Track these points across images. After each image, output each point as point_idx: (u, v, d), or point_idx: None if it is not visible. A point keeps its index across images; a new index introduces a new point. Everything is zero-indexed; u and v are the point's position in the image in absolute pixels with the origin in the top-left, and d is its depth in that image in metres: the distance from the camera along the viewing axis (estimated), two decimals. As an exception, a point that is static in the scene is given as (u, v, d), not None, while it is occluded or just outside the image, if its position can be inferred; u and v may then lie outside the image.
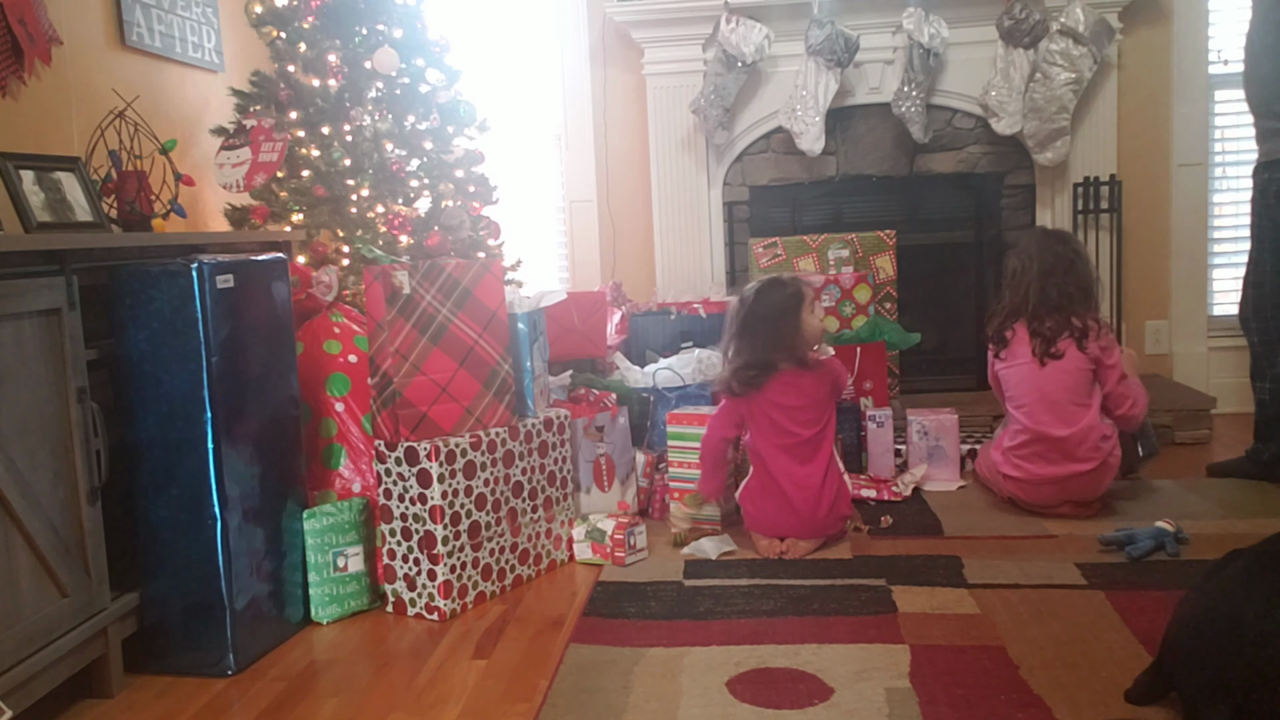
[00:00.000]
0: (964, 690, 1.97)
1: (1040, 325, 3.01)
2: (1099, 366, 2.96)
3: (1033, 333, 3.01)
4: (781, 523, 2.81)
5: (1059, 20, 3.95)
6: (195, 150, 3.37)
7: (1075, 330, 2.97)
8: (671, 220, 4.34)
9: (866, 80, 4.21)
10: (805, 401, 2.82)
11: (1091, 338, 2.96)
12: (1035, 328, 3.01)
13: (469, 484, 2.56)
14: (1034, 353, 3.00)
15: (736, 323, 2.88)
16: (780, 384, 2.82)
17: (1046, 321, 3.00)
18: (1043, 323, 3.00)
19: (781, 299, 2.85)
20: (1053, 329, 2.99)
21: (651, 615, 2.44)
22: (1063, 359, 2.97)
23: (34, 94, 2.66)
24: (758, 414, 2.84)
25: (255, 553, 2.36)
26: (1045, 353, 2.99)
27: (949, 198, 4.37)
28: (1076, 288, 3.01)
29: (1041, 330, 3.00)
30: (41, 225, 2.40)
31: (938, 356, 4.40)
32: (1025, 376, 3.03)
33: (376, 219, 3.27)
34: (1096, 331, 2.97)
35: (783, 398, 2.81)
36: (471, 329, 2.65)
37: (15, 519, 1.93)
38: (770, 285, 2.89)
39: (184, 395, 2.23)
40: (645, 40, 4.24)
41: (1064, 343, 2.98)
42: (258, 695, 2.17)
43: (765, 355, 2.82)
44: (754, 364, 2.82)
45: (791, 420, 2.81)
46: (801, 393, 2.82)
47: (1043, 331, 3.00)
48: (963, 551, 2.75)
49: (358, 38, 3.32)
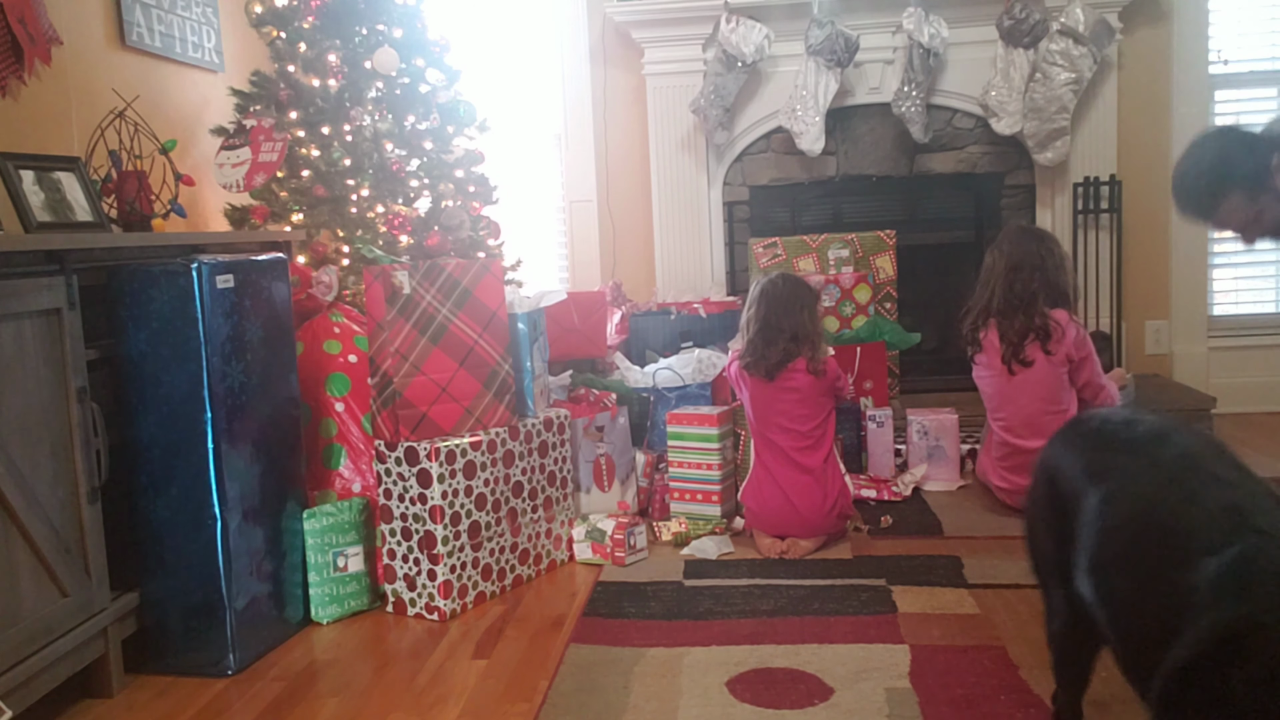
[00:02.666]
0: (964, 690, 1.98)
1: (1008, 327, 2.98)
2: (1072, 364, 2.94)
3: (1001, 336, 3.00)
4: (783, 520, 2.81)
5: (1059, 20, 3.95)
6: (195, 150, 3.36)
7: (1039, 331, 2.94)
8: (671, 220, 4.34)
9: (866, 80, 4.21)
10: (806, 395, 2.84)
11: (1055, 338, 2.93)
12: (1003, 330, 2.99)
13: (469, 484, 2.56)
14: (1003, 359, 2.99)
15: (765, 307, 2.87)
16: (789, 373, 2.84)
17: (1014, 321, 2.97)
18: (1011, 323, 2.98)
19: (807, 293, 2.89)
20: (1019, 331, 2.96)
21: (651, 615, 2.44)
22: (1032, 367, 2.95)
23: (34, 94, 2.65)
24: (760, 399, 2.85)
25: (255, 553, 2.36)
26: (1014, 358, 2.97)
27: (949, 198, 4.37)
28: (1043, 285, 2.97)
29: (1009, 334, 2.98)
30: (41, 225, 2.40)
31: (938, 356, 4.39)
32: (999, 387, 3.03)
33: (376, 219, 3.27)
34: (1060, 331, 2.93)
35: (788, 387, 2.83)
36: (471, 329, 2.65)
37: (15, 519, 1.93)
38: (795, 278, 2.93)
39: (184, 395, 2.23)
40: (645, 40, 4.24)
41: (1031, 348, 2.95)
42: (258, 695, 2.17)
43: (787, 344, 2.83)
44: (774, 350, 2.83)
45: (791, 415, 2.83)
46: (806, 386, 2.84)
47: (1010, 336, 2.97)
48: (963, 551, 2.75)
49: (358, 38, 3.32)
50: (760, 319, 2.86)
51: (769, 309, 2.86)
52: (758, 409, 2.89)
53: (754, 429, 2.91)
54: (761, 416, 2.88)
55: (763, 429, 2.87)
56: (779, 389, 2.84)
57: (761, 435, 2.88)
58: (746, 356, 2.87)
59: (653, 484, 3.22)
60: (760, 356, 2.84)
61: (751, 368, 2.86)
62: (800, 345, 2.83)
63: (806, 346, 2.83)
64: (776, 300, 2.86)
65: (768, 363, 2.83)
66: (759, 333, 2.85)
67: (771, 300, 2.87)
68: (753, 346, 2.86)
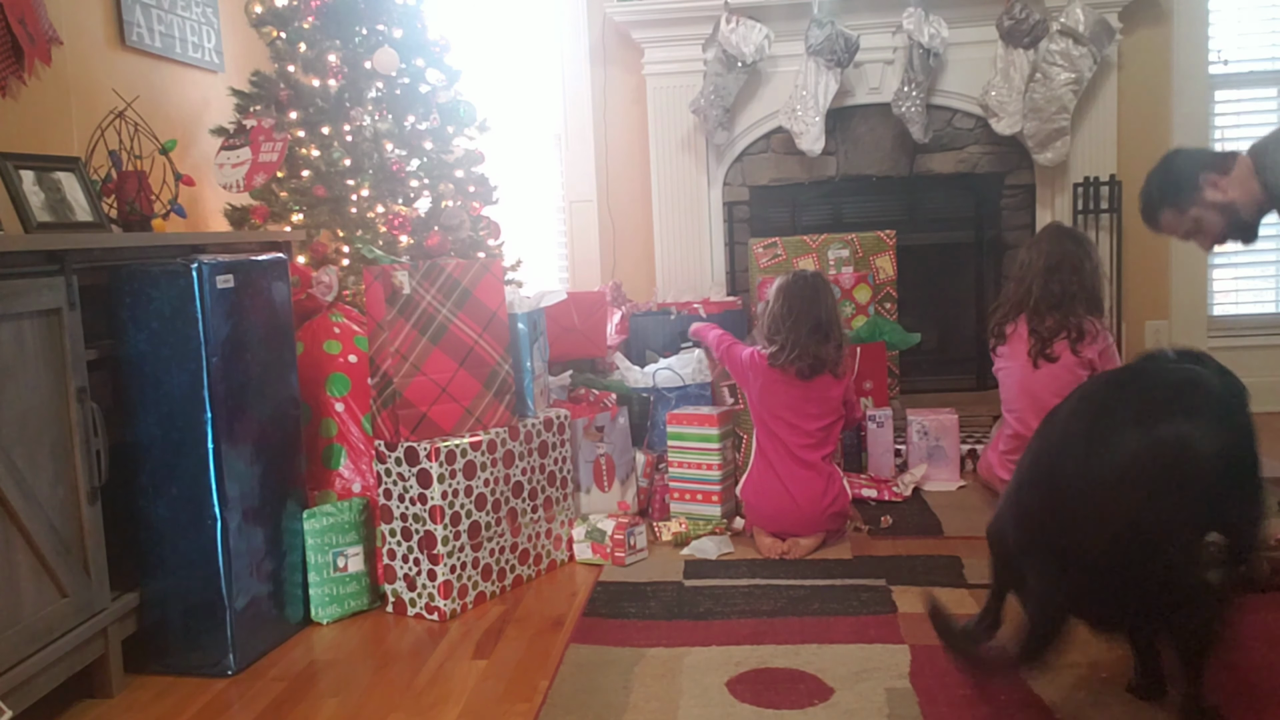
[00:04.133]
0: (964, 690, 1.97)
1: (1040, 323, 3.00)
2: (1092, 370, 2.95)
3: (1031, 330, 3.01)
4: (781, 515, 2.81)
5: (1059, 20, 3.95)
6: (195, 150, 3.37)
7: (1072, 331, 2.96)
8: (671, 220, 4.34)
9: (866, 80, 4.21)
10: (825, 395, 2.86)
11: (1088, 340, 2.95)
12: (1035, 325, 3.01)
13: (469, 484, 2.56)
14: (1029, 353, 3.00)
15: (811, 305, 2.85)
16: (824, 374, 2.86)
17: (1046, 319, 2.99)
18: (1043, 320, 2.99)
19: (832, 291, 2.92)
20: (1051, 328, 2.98)
21: (651, 615, 2.44)
22: (1056, 362, 2.96)
23: (34, 94, 2.65)
24: (775, 392, 2.86)
25: (255, 553, 2.36)
26: (1040, 354, 2.98)
27: (949, 198, 4.37)
28: (1080, 288, 2.99)
29: (1040, 329, 3.00)
30: (41, 225, 2.40)
31: (938, 356, 4.40)
32: (1018, 379, 3.04)
33: (376, 219, 3.27)
34: (1094, 335, 2.96)
35: (816, 385, 2.84)
36: (471, 329, 2.65)
37: (15, 519, 1.93)
38: (822, 276, 2.95)
39: (184, 395, 2.23)
40: (645, 40, 4.24)
41: (1059, 344, 2.97)
42: (258, 695, 2.17)
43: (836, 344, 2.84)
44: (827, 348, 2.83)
45: (802, 413, 2.84)
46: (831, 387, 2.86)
47: (1041, 331, 2.99)
48: (963, 551, 2.75)
49: (358, 38, 3.32)
50: (811, 318, 2.82)
51: (814, 308, 2.83)
52: (769, 402, 2.88)
53: (759, 421, 2.90)
54: (771, 410, 2.87)
55: (770, 423, 2.87)
56: (804, 386, 2.84)
57: (766, 427, 2.88)
58: (789, 352, 2.81)
59: (653, 484, 3.22)
60: (806, 354, 2.80)
61: (791, 363, 2.82)
62: (840, 347, 2.86)
63: (846, 347, 2.90)
64: (815, 299, 2.84)
65: (816, 360, 2.81)
66: (812, 331, 2.81)
67: (809, 299, 2.84)
68: (794, 343, 2.81)
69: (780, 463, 2.83)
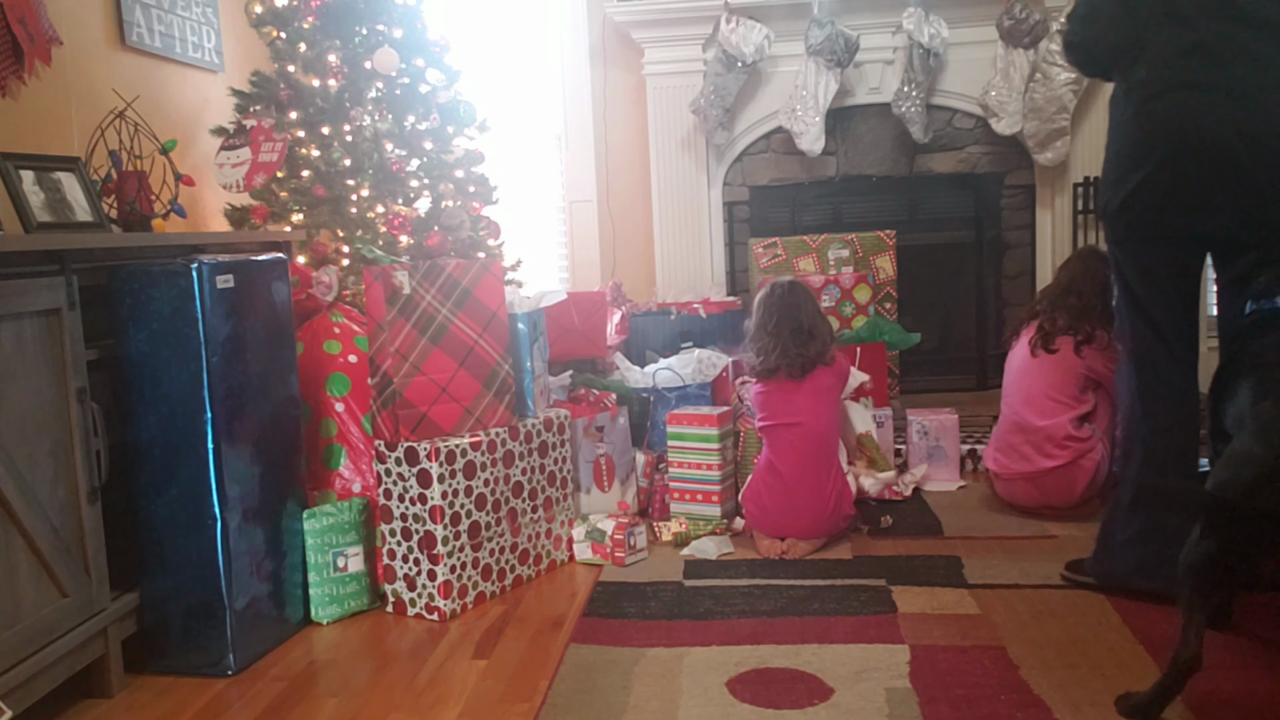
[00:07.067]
0: (964, 690, 1.98)
1: (1050, 320, 3.04)
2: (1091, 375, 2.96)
3: (1040, 325, 3.05)
4: (785, 522, 2.81)
5: (1059, 20, 3.95)
6: (195, 150, 3.37)
7: (1080, 334, 2.97)
8: (671, 220, 4.34)
9: (866, 80, 4.21)
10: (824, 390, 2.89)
11: (1096, 346, 2.95)
12: (1044, 321, 3.05)
13: (469, 484, 2.56)
14: (1030, 341, 3.04)
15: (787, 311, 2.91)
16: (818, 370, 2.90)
17: (1059, 319, 3.02)
18: (1054, 320, 3.03)
19: (809, 293, 2.98)
20: (1060, 326, 3.01)
21: (651, 615, 2.44)
22: (1055, 354, 2.98)
23: (34, 94, 2.65)
24: (778, 397, 2.88)
25: (255, 553, 2.36)
26: (1043, 345, 3.01)
27: (949, 198, 4.37)
28: (1104, 305, 2.98)
29: (1046, 324, 3.03)
30: (41, 225, 2.40)
31: (938, 356, 4.40)
32: (1015, 367, 3.09)
33: (376, 219, 3.27)
34: (1104, 344, 2.95)
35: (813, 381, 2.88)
36: (471, 329, 2.65)
37: (15, 519, 1.93)
38: (797, 282, 3.01)
39: (184, 395, 2.23)
40: (645, 40, 4.24)
41: (1063, 340, 2.98)
42: (258, 695, 2.17)
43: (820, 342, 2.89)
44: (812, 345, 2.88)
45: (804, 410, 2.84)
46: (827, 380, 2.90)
47: (1047, 325, 3.03)
48: (963, 551, 2.75)
49: (358, 38, 3.32)
50: (792, 321, 2.89)
51: (794, 311, 2.91)
52: (773, 407, 2.89)
53: (766, 428, 2.90)
54: (776, 414, 2.88)
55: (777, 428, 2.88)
56: (804, 385, 2.86)
57: (773, 434, 2.88)
58: (774, 360, 2.88)
59: (653, 484, 3.22)
60: (793, 355, 2.86)
61: (781, 370, 2.88)
62: (827, 343, 2.91)
63: (832, 342, 2.95)
64: (794, 304, 2.92)
65: (804, 359, 2.86)
66: (792, 335, 2.88)
67: (788, 305, 2.92)
68: (782, 348, 2.88)
69: (788, 468, 2.82)
